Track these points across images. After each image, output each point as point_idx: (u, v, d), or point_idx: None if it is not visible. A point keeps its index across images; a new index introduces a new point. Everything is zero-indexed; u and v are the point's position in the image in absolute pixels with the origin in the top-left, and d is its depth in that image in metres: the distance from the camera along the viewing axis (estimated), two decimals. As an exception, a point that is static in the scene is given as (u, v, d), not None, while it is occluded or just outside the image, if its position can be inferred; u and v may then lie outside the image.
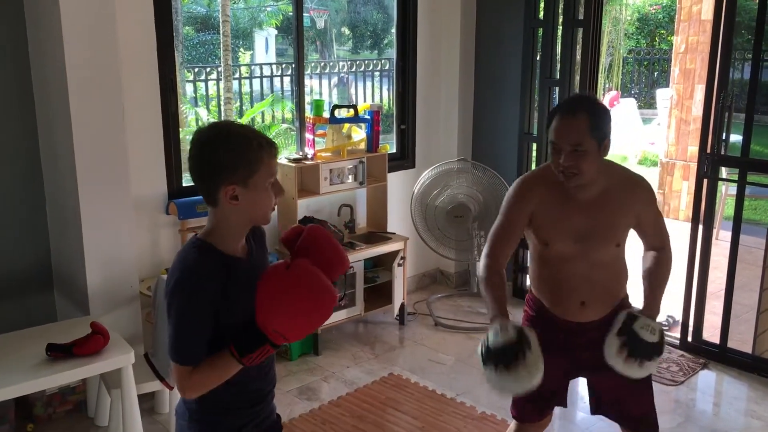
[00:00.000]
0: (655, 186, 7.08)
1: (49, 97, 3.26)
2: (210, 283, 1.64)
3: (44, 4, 3.11)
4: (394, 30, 4.87)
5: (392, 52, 4.97)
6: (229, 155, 1.61)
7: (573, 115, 2.13)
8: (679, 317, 4.18)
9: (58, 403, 3.34)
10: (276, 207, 1.75)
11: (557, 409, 3.60)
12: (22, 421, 3.23)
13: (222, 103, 7.33)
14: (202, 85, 7.34)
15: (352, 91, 7.09)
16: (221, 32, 7.56)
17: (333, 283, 1.74)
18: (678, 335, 4.14)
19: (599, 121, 2.14)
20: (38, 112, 3.35)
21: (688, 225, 4.07)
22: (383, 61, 6.92)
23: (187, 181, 3.99)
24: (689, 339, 4.07)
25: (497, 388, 2.08)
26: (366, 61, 6.78)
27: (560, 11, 4.42)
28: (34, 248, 3.45)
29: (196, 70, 7.91)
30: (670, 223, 6.94)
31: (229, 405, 1.76)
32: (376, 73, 7.08)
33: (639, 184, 2.33)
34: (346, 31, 10.15)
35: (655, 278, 2.33)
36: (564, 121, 2.14)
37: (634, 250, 2.55)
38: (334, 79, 7.40)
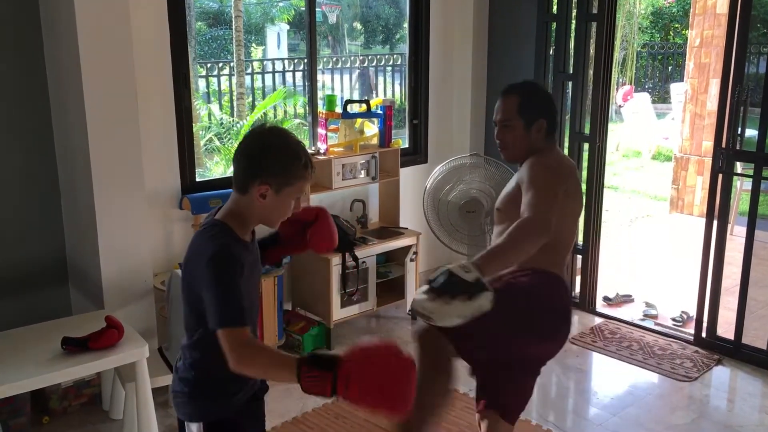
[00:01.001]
0: (668, 181, 7.05)
1: (63, 93, 3.28)
2: (240, 259, 1.75)
3: (59, 1, 3.13)
4: (406, 25, 4.86)
5: (404, 47, 4.96)
6: (279, 162, 1.77)
7: (506, 95, 2.38)
8: (693, 313, 4.16)
9: (73, 396, 3.36)
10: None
11: (569, 404, 3.62)
12: (37, 414, 3.26)
13: (234, 98, 7.35)
14: (214, 80, 7.36)
15: (372, 85, 7.09)
16: (234, 27, 7.58)
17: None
18: (692, 331, 4.12)
19: (530, 103, 2.35)
20: (53, 107, 3.37)
21: (703, 220, 4.05)
22: (395, 56, 6.92)
23: (200, 176, 4.01)
24: (703, 335, 4.04)
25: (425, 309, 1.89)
26: (378, 56, 6.78)
27: (574, 5, 4.40)
28: (49, 243, 3.48)
29: (209, 65, 7.94)
30: (684, 219, 6.94)
31: (224, 378, 1.78)
32: (388, 68, 7.07)
33: (530, 161, 2.34)
34: (358, 25, 10.14)
35: (503, 237, 2.13)
36: (499, 100, 2.40)
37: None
38: (354, 74, 7.39)
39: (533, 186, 2.21)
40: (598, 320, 4.45)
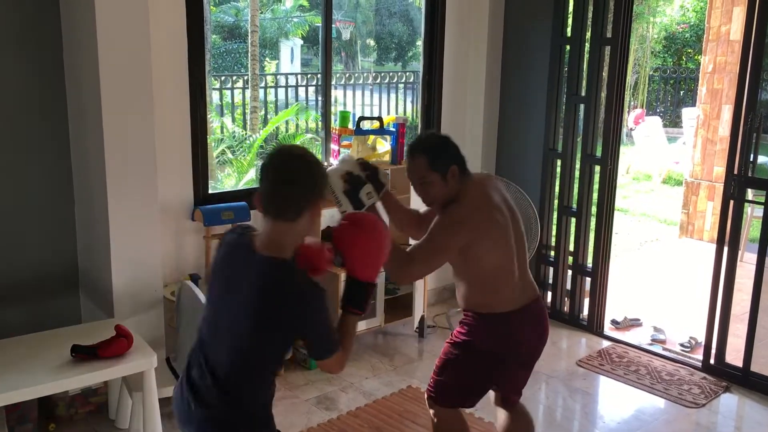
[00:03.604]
0: (679, 205, 7.04)
1: (81, 101, 3.31)
2: None
3: (80, 11, 3.17)
4: (419, 42, 4.89)
5: (416, 65, 5.00)
6: (321, 176, 1.86)
7: (413, 157, 2.56)
8: (701, 339, 4.14)
9: (80, 404, 3.37)
10: None
11: (575, 426, 3.60)
12: (44, 421, 3.27)
13: (248, 111, 7.40)
14: (227, 93, 7.42)
15: (378, 101, 7.11)
16: (249, 42, 7.66)
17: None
18: (701, 357, 4.09)
19: (437, 157, 2.53)
20: (70, 116, 3.41)
21: (713, 246, 4.04)
22: (408, 73, 6.96)
23: (212, 188, 4.03)
24: (712, 361, 4.02)
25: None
26: (390, 73, 6.82)
27: (588, 29, 4.42)
28: (61, 250, 3.50)
29: (223, 78, 8.00)
30: (694, 244, 6.88)
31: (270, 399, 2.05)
32: (401, 85, 7.11)
33: (439, 216, 2.54)
34: (371, 42, 10.21)
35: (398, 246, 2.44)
36: (409, 163, 2.60)
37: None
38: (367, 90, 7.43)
39: (428, 236, 2.50)
40: (605, 343, 4.43)
